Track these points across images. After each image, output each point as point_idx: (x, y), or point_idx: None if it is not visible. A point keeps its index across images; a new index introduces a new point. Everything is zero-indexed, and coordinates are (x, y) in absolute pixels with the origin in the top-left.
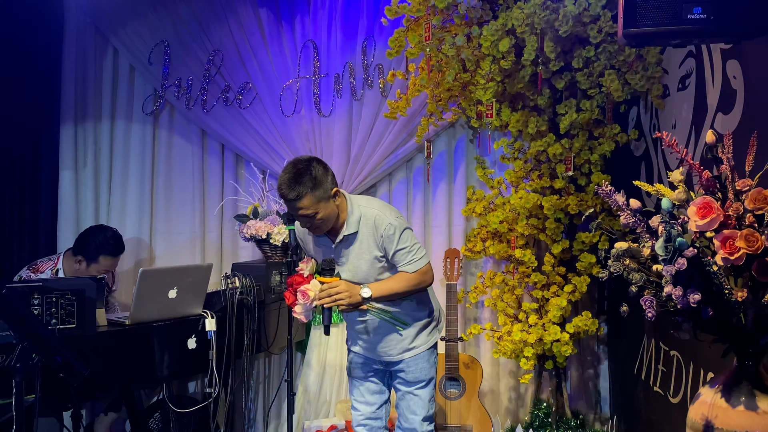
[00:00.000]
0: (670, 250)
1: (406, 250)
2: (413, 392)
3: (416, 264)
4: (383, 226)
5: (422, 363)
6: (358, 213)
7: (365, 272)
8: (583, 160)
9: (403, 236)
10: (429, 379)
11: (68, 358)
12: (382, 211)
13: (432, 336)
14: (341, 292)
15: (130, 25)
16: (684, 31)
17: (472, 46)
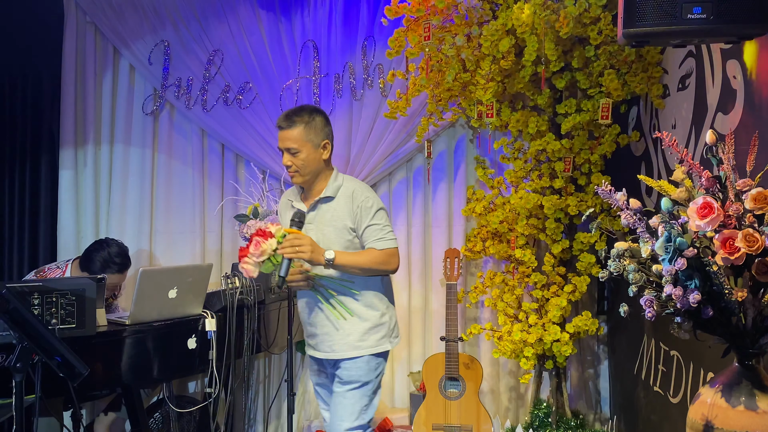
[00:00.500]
0: (670, 250)
1: (379, 227)
2: (343, 394)
3: (385, 242)
4: (361, 197)
5: (362, 365)
6: (341, 182)
7: (331, 240)
8: (583, 160)
9: (379, 214)
10: (363, 383)
11: (68, 358)
12: (364, 188)
13: (381, 342)
14: (304, 245)
15: (130, 25)
16: (684, 31)
17: (472, 46)
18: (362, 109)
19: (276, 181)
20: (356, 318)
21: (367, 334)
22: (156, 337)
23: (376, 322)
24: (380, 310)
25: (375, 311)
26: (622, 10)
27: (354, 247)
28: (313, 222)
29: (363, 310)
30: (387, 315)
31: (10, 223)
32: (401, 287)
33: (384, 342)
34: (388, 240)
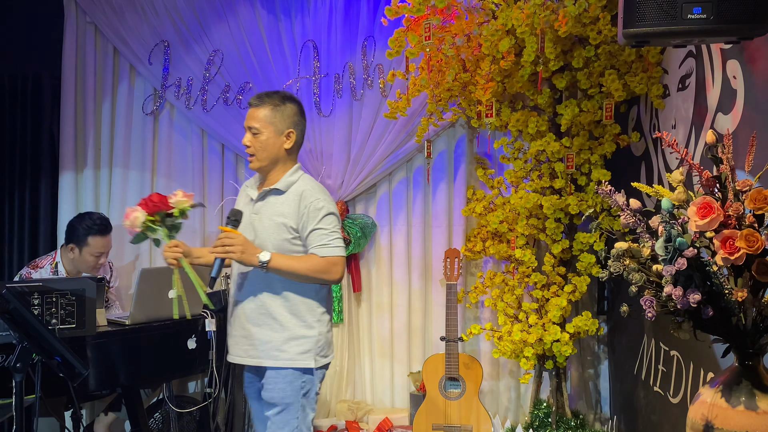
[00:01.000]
0: (670, 250)
1: (325, 233)
2: (269, 416)
3: (328, 250)
4: (310, 198)
5: (282, 383)
6: (296, 178)
7: (267, 236)
8: (583, 160)
9: (327, 219)
10: (287, 404)
11: (68, 358)
12: (317, 189)
13: (304, 357)
14: (235, 245)
15: (130, 25)
16: (684, 31)
17: (472, 46)
18: (362, 109)
19: None
20: (276, 324)
21: (286, 344)
22: (156, 337)
23: (298, 334)
24: (307, 321)
25: (300, 321)
26: (622, 10)
27: (289, 248)
28: (259, 212)
29: (287, 316)
30: (315, 330)
31: (10, 223)
32: (401, 287)
33: (307, 358)
34: (332, 247)
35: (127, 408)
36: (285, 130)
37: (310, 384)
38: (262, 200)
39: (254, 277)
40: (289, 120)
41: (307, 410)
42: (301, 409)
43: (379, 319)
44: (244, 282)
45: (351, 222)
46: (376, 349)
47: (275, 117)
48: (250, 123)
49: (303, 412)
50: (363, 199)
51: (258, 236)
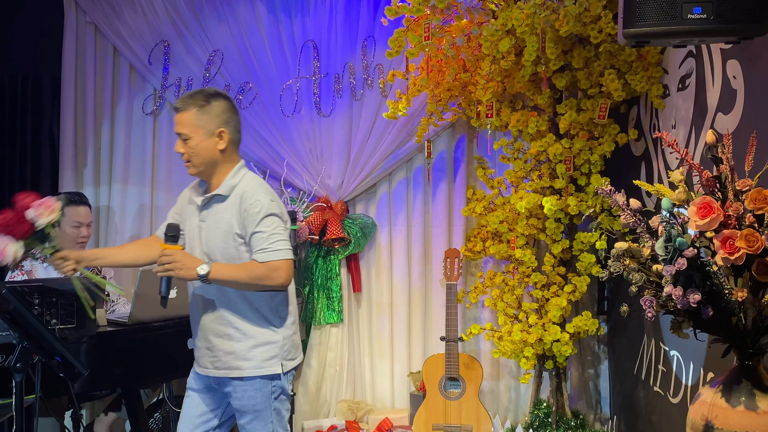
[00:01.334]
0: (670, 250)
1: (264, 236)
2: (243, 425)
3: (267, 254)
4: (250, 200)
5: (251, 391)
6: (238, 180)
7: (215, 246)
8: (583, 160)
9: (266, 220)
10: (258, 411)
11: (68, 358)
12: (258, 189)
13: (272, 363)
14: (174, 262)
15: (130, 25)
16: (684, 31)
17: (472, 46)
18: (362, 109)
19: (276, 181)
20: (238, 333)
21: (251, 353)
22: (156, 337)
23: (262, 340)
24: (269, 326)
25: (262, 327)
26: (622, 10)
27: (239, 256)
28: (205, 220)
29: (247, 324)
30: (279, 334)
31: None
32: (401, 287)
33: (274, 364)
34: (272, 251)
35: (127, 408)
36: (215, 130)
37: (279, 388)
38: (207, 208)
39: (207, 288)
40: (218, 119)
41: (282, 412)
42: (275, 413)
43: (379, 319)
44: (200, 294)
45: (351, 222)
46: (376, 349)
47: (202, 118)
48: (178, 129)
49: (278, 415)
50: (363, 199)
51: (206, 246)
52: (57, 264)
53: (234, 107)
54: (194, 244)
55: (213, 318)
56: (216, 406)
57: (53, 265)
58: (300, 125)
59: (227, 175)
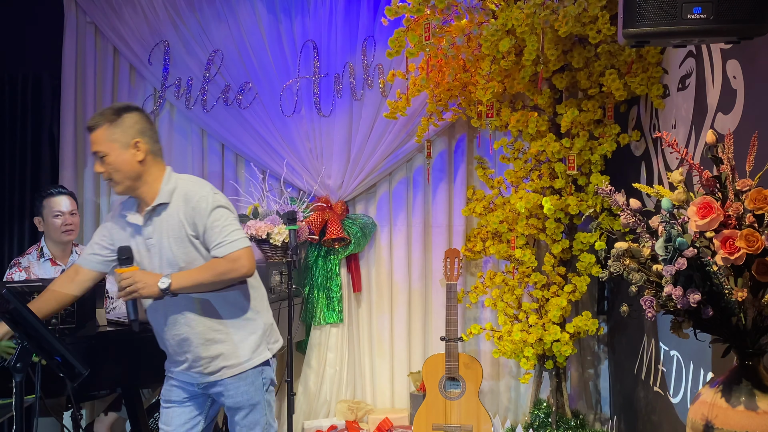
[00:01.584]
0: (670, 250)
1: (216, 230)
2: (237, 421)
3: (225, 247)
4: (195, 198)
5: (244, 386)
6: (174, 184)
7: (174, 255)
8: (584, 160)
9: (215, 213)
10: (253, 405)
11: (68, 358)
12: (198, 185)
13: (260, 351)
14: (134, 283)
15: (130, 25)
16: (684, 31)
17: (472, 46)
18: (362, 109)
19: (276, 181)
20: (219, 335)
21: (238, 349)
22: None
23: (243, 334)
24: (247, 317)
25: (239, 322)
26: (622, 11)
27: (202, 258)
28: (153, 236)
29: (223, 326)
30: (256, 322)
31: (10, 223)
32: (401, 287)
33: (262, 350)
34: (229, 243)
35: (127, 408)
36: (130, 141)
37: (269, 379)
38: (150, 223)
39: (170, 305)
40: (131, 130)
41: (272, 403)
42: (267, 404)
43: (379, 319)
44: (163, 314)
45: (351, 222)
46: (376, 349)
47: (115, 133)
48: (94, 148)
49: (269, 406)
50: (363, 199)
51: (165, 260)
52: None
53: (147, 117)
54: (149, 265)
55: (188, 329)
56: (199, 411)
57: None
58: (300, 125)
59: (160, 183)
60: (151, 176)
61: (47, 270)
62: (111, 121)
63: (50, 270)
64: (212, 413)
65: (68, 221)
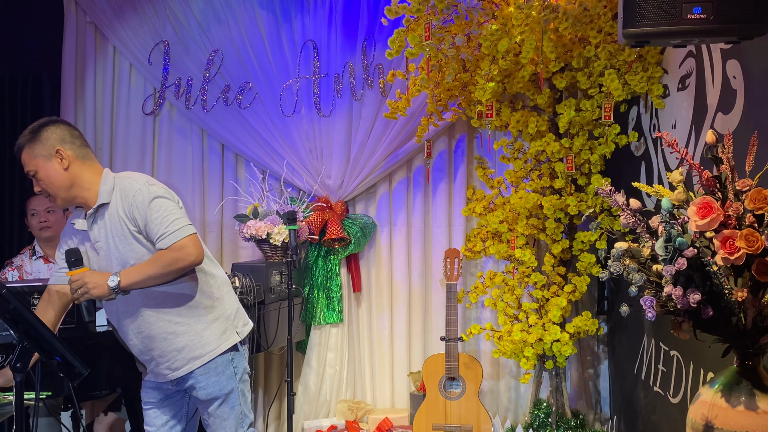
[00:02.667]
0: (670, 250)
1: (158, 222)
2: (214, 413)
3: (168, 238)
4: (131, 192)
5: (215, 377)
6: (112, 183)
7: (122, 254)
8: (583, 160)
9: (154, 204)
10: (226, 394)
11: (68, 358)
12: (135, 179)
13: (227, 335)
14: (84, 285)
15: (130, 25)
16: (684, 31)
17: (472, 46)
18: (362, 109)
19: (276, 181)
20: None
21: (202, 337)
22: None
23: (209, 319)
24: (205, 304)
25: (201, 309)
26: (622, 10)
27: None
28: (99, 239)
29: (184, 316)
30: (218, 308)
31: (10, 223)
32: (401, 287)
33: (229, 335)
34: (171, 233)
35: (127, 408)
36: (51, 152)
37: (239, 363)
38: (95, 224)
39: (125, 306)
40: (49, 142)
41: (246, 393)
42: (240, 393)
43: (379, 319)
44: (120, 315)
45: (351, 222)
46: (376, 349)
47: (34, 149)
48: (25, 170)
49: (243, 396)
50: (363, 199)
51: (115, 260)
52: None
53: (66, 126)
54: (103, 268)
55: (148, 326)
56: (177, 410)
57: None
58: (300, 125)
59: (99, 185)
60: (85, 181)
61: (40, 267)
62: (30, 140)
63: (43, 267)
64: (192, 408)
65: (43, 218)
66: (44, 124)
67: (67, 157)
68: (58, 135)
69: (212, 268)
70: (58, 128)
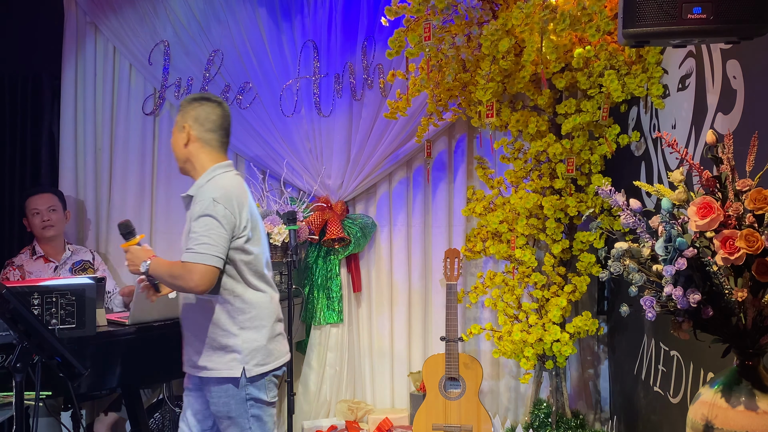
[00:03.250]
0: (670, 250)
1: (194, 236)
2: (221, 430)
3: (190, 255)
4: (200, 198)
5: (224, 397)
6: (205, 181)
7: (184, 243)
8: (584, 160)
9: (200, 221)
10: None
11: (68, 358)
12: (212, 190)
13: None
14: (128, 262)
15: (130, 25)
16: (684, 31)
17: (472, 46)
18: (362, 109)
19: (276, 181)
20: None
21: (212, 355)
22: (156, 337)
23: (221, 344)
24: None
25: (219, 329)
26: (622, 11)
27: None
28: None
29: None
30: (234, 338)
31: (10, 224)
32: (401, 287)
33: (234, 367)
34: (193, 253)
35: (127, 408)
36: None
37: (252, 396)
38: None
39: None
40: (187, 113)
41: (263, 418)
42: (254, 419)
43: (379, 319)
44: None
45: (351, 222)
46: (376, 349)
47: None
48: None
49: (258, 421)
50: (363, 199)
51: (183, 243)
52: None
53: (212, 108)
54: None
55: (185, 318)
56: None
57: None
58: (300, 125)
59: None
60: (197, 164)
61: (40, 267)
62: (181, 105)
63: (43, 267)
64: None
65: (45, 217)
66: (196, 99)
67: (190, 136)
68: (198, 111)
69: (253, 300)
70: (202, 107)
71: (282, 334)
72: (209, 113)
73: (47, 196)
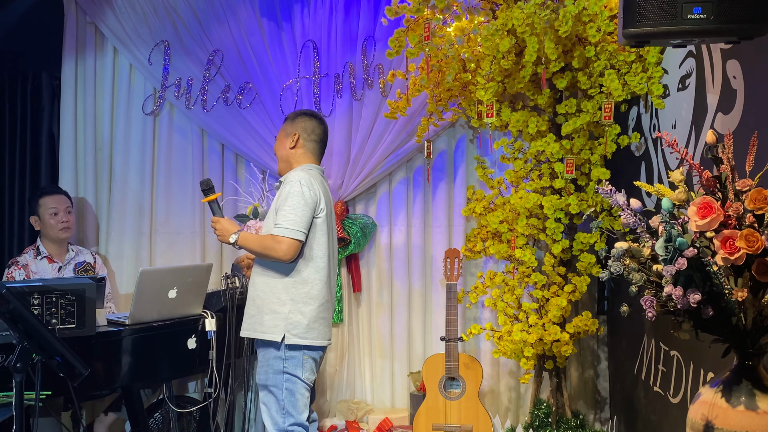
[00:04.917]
0: (670, 250)
1: (283, 213)
2: (261, 397)
3: (279, 229)
4: (289, 179)
5: (264, 366)
6: (296, 171)
7: (268, 219)
8: (584, 160)
9: (294, 200)
10: (270, 385)
11: (68, 358)
12: (298, 175)
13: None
14: (216, 231)
15: (130, 25)
16: (684, 31)
17: (472, 46)
18: (362, 109)
19: (276, 180)
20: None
21: (260, 318)
22: (156, 337)
23: (271, 309)
24: (280, 298)
25: (273, 297)
26: (622, 11)
27: None
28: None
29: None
30: (286, 307)
31: (10, 224)
32: (401, 287)
33: (277, 331)
34: (282, 228)
35: (127, 408)
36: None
37: (290, 365)
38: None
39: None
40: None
41: (295, 395)
42: (287, 392)
43: (379, 319)
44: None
45: (351, 222)
46: (376, 349)
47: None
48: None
49: (290, 396)
50: (363, 199)
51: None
52: None
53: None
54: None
55: (252, 287)
56: None
57: None
58: None
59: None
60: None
61: (44, 267)
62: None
63: (47, 267)
64: None
65: (64, 219)
66: (302, 114)
67: (297, 143)
68: (304, 125)
69: (309, 279)
70: (313, 120)
71: (326, 319)
72: (315, 127)
73: (64, 198)
